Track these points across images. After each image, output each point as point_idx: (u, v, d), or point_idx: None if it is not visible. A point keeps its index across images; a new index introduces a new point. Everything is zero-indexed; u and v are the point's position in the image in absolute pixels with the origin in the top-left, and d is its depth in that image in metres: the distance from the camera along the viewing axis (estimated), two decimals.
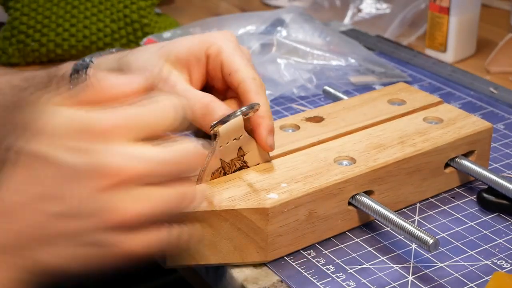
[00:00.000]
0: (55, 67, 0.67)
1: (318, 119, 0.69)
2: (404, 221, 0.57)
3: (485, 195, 0.65)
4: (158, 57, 0.63)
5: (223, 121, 0.57)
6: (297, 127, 0.67)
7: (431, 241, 0.55)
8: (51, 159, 0.45)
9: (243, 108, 0.58)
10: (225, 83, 0.63)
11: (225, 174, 0.59)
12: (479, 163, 0.67)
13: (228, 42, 0.63)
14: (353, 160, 0.62)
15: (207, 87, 0.65)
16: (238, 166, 0.60)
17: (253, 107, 0.58)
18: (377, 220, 0.62)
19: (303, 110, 0.83)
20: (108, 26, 1.02)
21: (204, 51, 0.63)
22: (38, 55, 1.01)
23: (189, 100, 0.59)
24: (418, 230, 0.56)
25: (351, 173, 0.60)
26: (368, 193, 0.61)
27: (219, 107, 0.60)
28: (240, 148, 0.59)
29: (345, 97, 0.77)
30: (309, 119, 0.69)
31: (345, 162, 0.62)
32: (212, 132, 0.57)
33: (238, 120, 0.57)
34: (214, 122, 0.57)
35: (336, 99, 0.78)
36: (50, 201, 0.45)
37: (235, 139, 0.58)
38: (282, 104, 0.86)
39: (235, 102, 0.63)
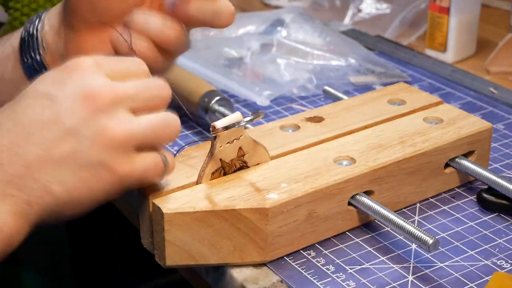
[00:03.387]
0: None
1: (318, 119, 0.69)
2: (404, 221, 0.57)
3: (485, 195, 0.65)
4: None
5: (226, 127, 0.57)
6: (297, 127, 0.67)
7: (431, 241, 0.55)
8: (48, 94, 0.51)
9: (248, 118, 0.58)
10: None
11: (225, 174, 0.59)
12: (479, 163, 0.67)
13: None
14: (353, 160, 0.62)
15: None
16: (238, 166, 0.60)
17: (259, 115, 0.59)
18: (377, 220, 0.62)
19: (303, 110, 0.83)
20: None
21: None
22: None
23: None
24: (418, 230, 0.56)
25: (351, 173, 0.60)
26: (368, 193, 0.61)
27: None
28: (240, 148, 0.59)
29: (345, 97, 0.77)
30: (309, 119, 0.69)
31: (345, 162, 0.62)
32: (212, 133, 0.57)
33: (236, 117, 0.58)
34: (216, 127, 0.57)
35: (336, 99, 0.78)
36: (50, 125, 0.49)
37: (235, 139, 0.58)
38: (282, 104, 0.86)
39: None
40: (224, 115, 0.73)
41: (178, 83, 0.80)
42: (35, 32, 0.67)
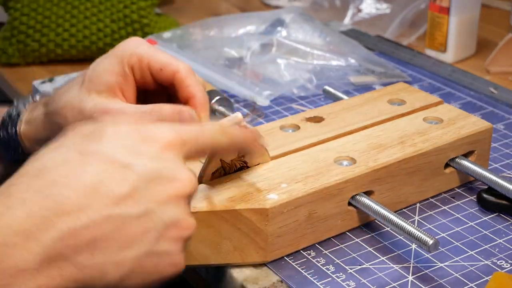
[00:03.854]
0: None
1: (318, 119, 0.69)
2: (404, 222, 0.57)
3: (485, 195, 0.65)
4: (86, 93, 0.62)
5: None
6: (297, 127, 0.67)
7: (431, 242, 0.55)
8: (119, 161, 0.45)
9: (249, 118, 0.58)
10: (158, 84, 0.63)
11: (225, 174, 0.59)
12: (479, 163, 0.67)
13: (142, 45, 0.62)
14: (353, 161, 0.62)
15: (141, 97, 0.64)
16: (238, 166, 0.60)
17: (260, 115, 0.59)
18: (377, 221, 0.62)
19: (303, 110, 0.83)
20: (108, 26, 1.02)
21: (127, 65, 0.62)
22: (38, 55, 1.01)
23: (141, 118, 0.59)
24: (418, 230, 0.56)
25: (351, 173, 0.60)
26: (368, 193, 0.61)
27: (168, 109, 0.59)
28: None
29: (345, 97, 0.77)
30: (309, 119, 0.69)
31: (345, 163, 0.62)
32: None
33: (236, 118, 0.58)
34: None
35: (336, 99, 0.78)
36: (124, 202, 0.44)
37: None
38: (282, 104, 0.86)
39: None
40: (224, 115, 0.73)
41: None
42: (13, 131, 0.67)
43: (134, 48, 0.62)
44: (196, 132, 0.49)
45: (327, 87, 0.80)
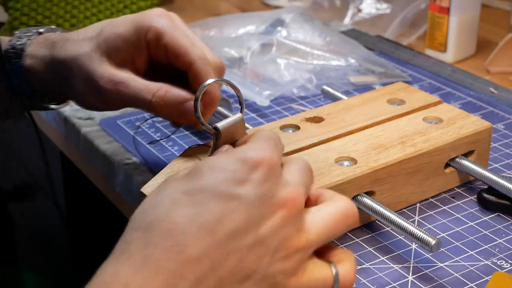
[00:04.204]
0: None
1: (318, 120, 0.69)
2: (406, 222, 0.57)
3: (485, 195, 0.65)
4: (98, 55, 0.61)
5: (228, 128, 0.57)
6: (297, 128, 0.67)
7: (433, 242, 0.55)
8: (226, 194, 0.44)
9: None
10: (171, 64, 0.62)
11: None
12: (479, 163, 0.67)
13: (165, 21, 0.61)
14: (354, 161, 0.62)
15: (155, 70, 0.63)
16: None
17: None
18: (378, 221, 0.62)
19: (303, 110, 0.83)
20: None
21: (143, 39, 0.61)
22: None
23: (144, 96, 0.59)
24: (420, 231, 0.56)
25: (352, 173, 0.60)
26: (369, 193, 0.61)
27: (175, 95, 0.59)
28: None
29: (343, 97, 0.77)
30: (309, 120, 0.69)
31: (346, 163, 0.62)
32: (213, 132, 0.57)
33: (239, 120, 0.57)
34: (219, 128, 0.56)
35: (334, 99, 0.78)
36: (239, 235, 0.43)
37: (237, 140, 0.58)
38: (282, 104, 0.86)
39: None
40: (222, 115, 0.73)
41: None
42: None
43: (156, 21, 0.60)
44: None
45: (325, 87, 0.80)
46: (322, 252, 0.48)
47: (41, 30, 0.68)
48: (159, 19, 0.61)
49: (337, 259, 0.48)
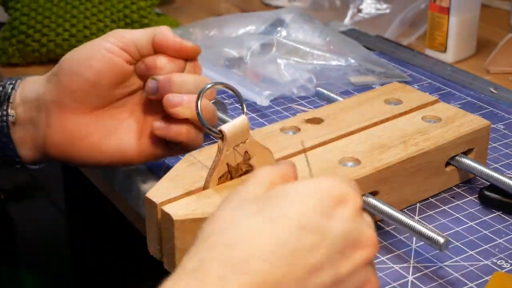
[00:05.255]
0: None
1: (317, 121, 0.69)
2: (414, 221, 0.57)
3: (486, 192, 0.65)
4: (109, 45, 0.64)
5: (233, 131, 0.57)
6: (297, 129, 0.67)
7: (442, 241, 0.55)
8: (311, 225, 0.42)
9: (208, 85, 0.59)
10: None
11: (231, 178, 0.59)
12: (478, 161, 0.67)
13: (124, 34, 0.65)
14: (357, 161, 0.62)
15: None
16: (244, 170, 0.59)
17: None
18: (381, 221, 0.62)
19: (303, 110, 0.83)
20: (108, 26, 1.02)
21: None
22: (38, 55, 1.01)
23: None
24: (429, 229, 0.56)
25: (357, 174, 0.60)
26: (373, 193, 0.61)
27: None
28: (246, 152, 0.59)
29: (339, 98, 0.76)
30: (309, 121, 0.68)
31: (350, 164, 0.62)
32: (218, 136, 0.57)
33: (243, 123, 0.57)
34: (224, 131, 0.56)
35: (329, 100, 0.78)
36: (318, 271, 0.42)
37: (241, 143, 0.58)
38: (282, 104, 0.86)
39: None
40: (218, 119, 0.73)
41: None
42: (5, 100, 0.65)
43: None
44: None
45: (320, 88, 0.80)
46: None
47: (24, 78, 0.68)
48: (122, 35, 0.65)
49: None
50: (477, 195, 0.66)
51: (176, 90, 0.62)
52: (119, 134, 0.65)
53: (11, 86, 0.66)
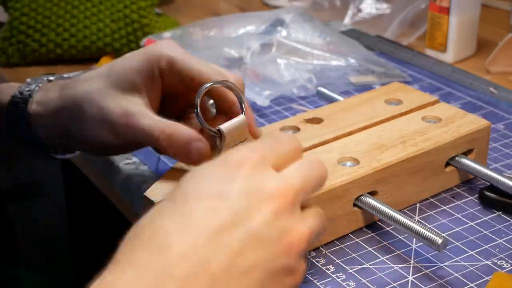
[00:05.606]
0: None
1: (317, 121, 0.69)
2: (412, 221, 0.57)
3: (486, 193, 0.65)
4: (110, 90, 0.60)
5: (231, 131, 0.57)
6: (297, 129, 0.67)
7: (440, 241, 0.55)
8: (214, 193, 0.44)
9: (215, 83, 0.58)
10: (188, 89, 0.61)
11: None
12: (478, 161, 0.67)
13: (174, 49, 0.61)
14: (356, 161, 0.62)
15: (168, 99, 0.63)
16: None
17: (221, 82, 0.59)
18: (380, 221, 0.62)
19: (303, 110, 0.83)
20: (108, 26, 1.02)
21: (156, 68, 0.60)
22: (38, 55, 1.01)
23: (152, 132, 0.58)
24: (426, 230, 0.56)
25: (356, 174, 0.60)
26: (372, 193, 0.61)
27: (183, 133, 0.58)
28: None
29: (339, 98, 0.76)
30: (308, 121, 0.68)
31: (348, 163, 0.62)
32: (217, 134, 0.57)
33: (242, 122, 0.57)
34: (222, 130, 0.56)
35: (330, 100, 0.78)
36: (232, 228, 0.43)
37: (240, 142, 0.58)
38: (282, 104, 0.86)
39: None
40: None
41: None
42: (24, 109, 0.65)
43: (167, 50, 0.60)
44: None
45: (321, 88, 0.80)
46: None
47: (51, 78, 0.67)
48: (170, 47, 0.61)
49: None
50: (477, 195, 0.66)
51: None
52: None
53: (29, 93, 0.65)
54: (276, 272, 0.44)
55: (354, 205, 0.61)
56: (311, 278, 0.57)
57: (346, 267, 0.58)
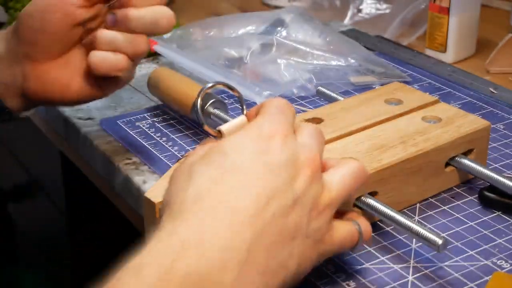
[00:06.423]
0: None
1: (317, 121, 0.69)
2: (412, 222, 0.57)
3: (486, 193, 0.65)
4: None
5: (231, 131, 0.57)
6: None
7: (440, 242, 0.55)
8: (260, 164, 0.48)
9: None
10: None
11: None
12: (478, 161, 0.67)
13: None
14: None
15: None
16: None
17: None
18: (380, 221, 0.62)
19: (303, 110, 0.83)
20: None
21: None
22: None
23: None
24: (426, 230, 0.56)
25: None
26: (372, 194, 0.61)
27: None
28: None
29: (339, 97, 0.76)
30: (308, 121, 0.68)
31: None
32: (217, 133, 0.57)
33: (243, 123, 0.57)
34: (222, 131, 0.56)
35: (330, 99, 0.78)
36: (283, 194, 0.47)
37: None
38: None
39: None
40: (219, 118, 0.73)
41: (171, 86, 0.79)
42: None
43: None
44: None
45: (321, 88, 0.80)
46: (336, 215, 0.53)
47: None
48: None
49: (352, 217, 0.55)
50: (477, 196, 0.66)
51: (133, 26, 0.63)
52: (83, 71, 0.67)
53: None
54: (310, 234, 0.49)
55: (354, 205, 0.61)
56: (311, 278, 0.57)
57: (346, 267, 0.58)
